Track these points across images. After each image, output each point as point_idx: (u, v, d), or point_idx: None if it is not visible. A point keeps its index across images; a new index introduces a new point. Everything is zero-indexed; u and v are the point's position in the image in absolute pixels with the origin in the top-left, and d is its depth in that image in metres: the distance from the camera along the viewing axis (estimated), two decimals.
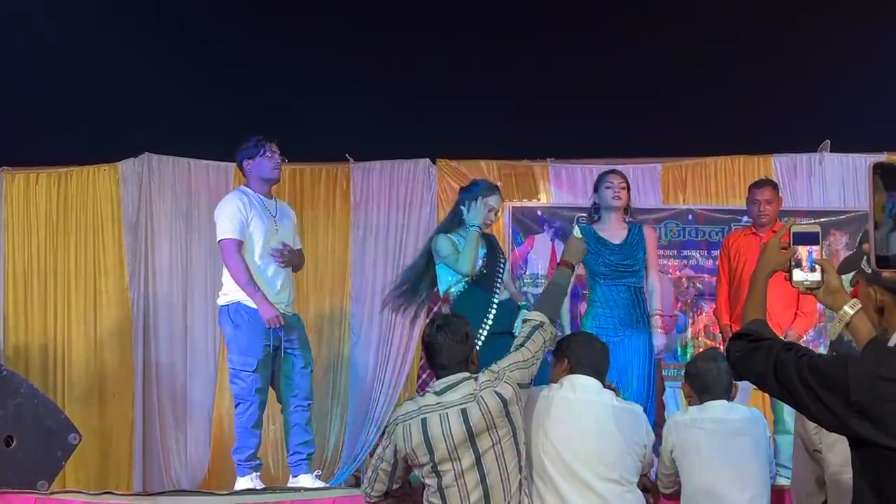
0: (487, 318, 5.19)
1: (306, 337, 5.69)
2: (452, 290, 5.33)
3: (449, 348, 3.77)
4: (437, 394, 3.72)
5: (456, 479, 3.61)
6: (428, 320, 5.25)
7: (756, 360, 2.23)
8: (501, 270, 5.40)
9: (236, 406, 5.45)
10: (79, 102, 7.28)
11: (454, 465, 3.61)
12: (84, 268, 7.54)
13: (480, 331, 5.08)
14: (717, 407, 4.01)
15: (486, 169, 7.70)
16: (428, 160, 7.74)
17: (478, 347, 4.47)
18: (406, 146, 7.73)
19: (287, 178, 7.75)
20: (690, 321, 7.58)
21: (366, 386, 7.43)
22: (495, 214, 5.50)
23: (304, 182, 7.80)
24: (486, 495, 3.59)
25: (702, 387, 4.06)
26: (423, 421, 3.65)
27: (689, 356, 7.34)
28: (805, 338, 5.89)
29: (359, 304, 7.64)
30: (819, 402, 2.04)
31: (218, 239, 5.39)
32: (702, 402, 4.06)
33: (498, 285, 5.34)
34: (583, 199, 7.35)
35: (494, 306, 5.25)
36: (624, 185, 5.64)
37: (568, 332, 5.40)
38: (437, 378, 3.82)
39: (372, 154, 7.81)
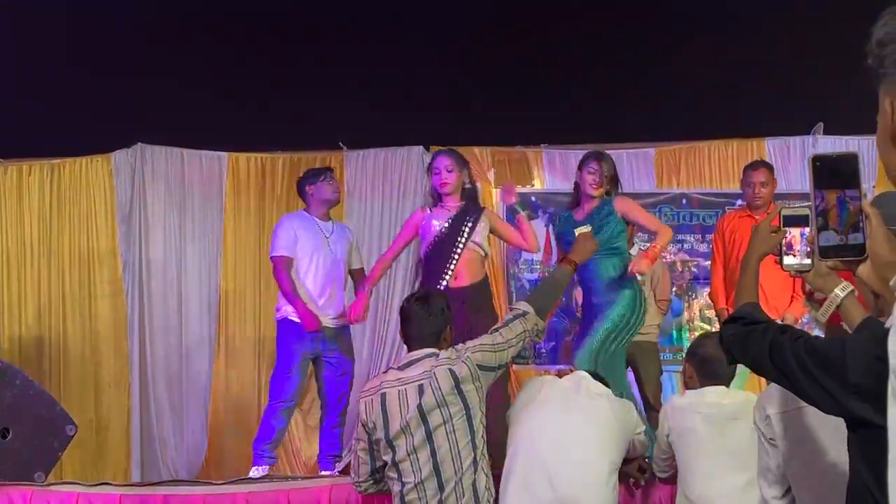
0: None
1: (350, 348, 5.91)
2: None
3: (421, 319, 3.83)
4: (400, 369, 3.79)
5: (408, 454, 3.65)
6: None
7: (751, 343, 2.22)
8: (465, 232, 5.35)
9: (268, 402, 5.84)
10: (71, 93, 7.25)
11: (406, 440, 3.65)
12: (78, 258, 7.54)
13: None
14: (713, 392, 4.01)
15: (480, 156, 7.70)
16: (421, 148, 7.73)
17: None
18: (400, 134, 7.73)
19: (280, 166, 7.77)
20: (686, 305, 7.59)
21: (362, 373, 7.43)
22: (446, 172, 5.45)
23: (297, 170, 7.77)
24: (437, 470, 3.62)
25: (709, 372, 4.04)
26: (383, 395, 3.71)
27: (684, 340, 7.36)
28: (802, 320, 5.89)
29: (351, 293, 7.63)
30: (816, 385, 2.03)
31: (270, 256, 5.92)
32: (702, 387, 4.06)
33: (449, 269, 5.30)
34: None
35: (448, 273, 5.28)
36: (607, 173, 5.51)
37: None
38: (408, 350, 3.86)
39: (365, 142, 7.81)
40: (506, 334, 3.83)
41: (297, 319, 5.64)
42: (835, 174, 1.86)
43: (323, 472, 5.76)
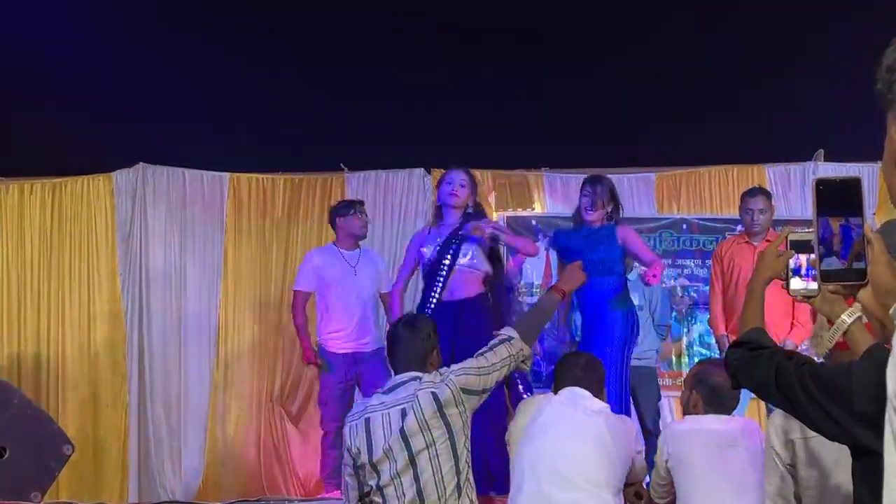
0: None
1: (383, 370, 5.79)
2: None
3: (407, 343, 3.82)
4: (384, 393, 3.78)
5: (392, 479, 3.63)
6: None
7: (756, 368, 2.21)
8: (447, 259, 5.40)
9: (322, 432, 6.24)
10: (73, 113, 7.27)
11: (390, 465, 3.63)
12: (78, 278, 7.54)
13: None
14: (713, 418, 4.00)
15: (481, 178, 7.70)
16: (422, 170, 7.75)
17: None
18: (401, 156, 7.74)
19: (281, 187, 7.78)
20: (685, 330, 7.58)
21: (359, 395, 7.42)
22: (459, 188, 5.55)
23: (298, 191, 7.79)
24: (420, 495, 3.59)
25: (717, 401, 4.02)
26: (367, 420, 3.69)
27: (683, 365, 7.34)
28: (801, 347, 5.88)
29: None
30: (822, 411, 2.02)
31: None
32: (705, 413, 4.04)
33: (439, 283, 5.34)
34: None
35: (433, 300, 5.28)
36: (602, 196, 5.56)
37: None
38: (394, 374, 3.86)
39: (367, 164, 7.82)
40: (490, 358, 3.79)
41: (331, 349, 6.09)
42: (838, 198, 1.85)
43: (326, 495, 5.83)
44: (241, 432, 7.49)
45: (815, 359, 2.43)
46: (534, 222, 7.63)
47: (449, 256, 5.40)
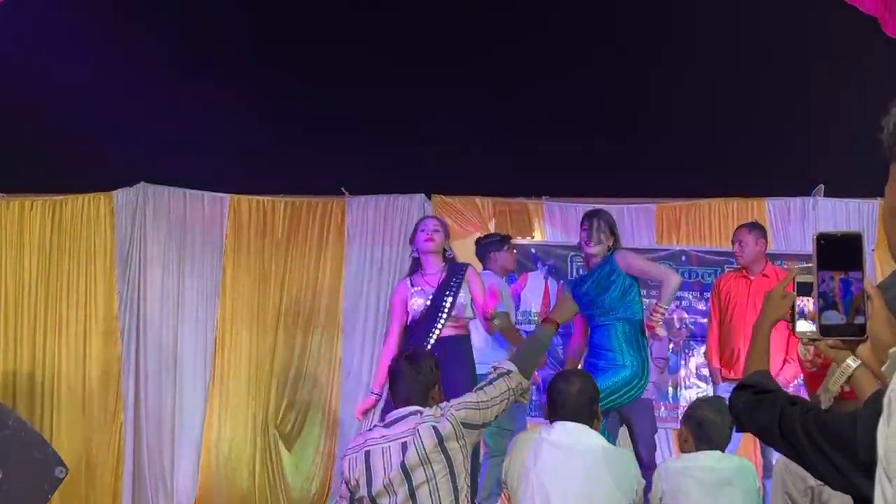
0: None
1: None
2: None
3: (409, 378, 3.82)
4: (385, 426, 3.78)
5: None
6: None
7: (760, 413, 2.19)
8: (446, 308, 5.41)
9: None
10: (75, 131, 7.28)
11: (390, 499, 3.62)
12: (76, 295, 7.52)
13: None
14: (709, 456, 3.98)
15: (481, 206, 7.73)
16: (423, 195, 7.75)
17: None
18: (402, 181, 7.75)
19: (281, 209, 7.78)
20: (682, 362, 7.56)
21: (357, 423, 7.39)
22: (434, 233, 5.57)
23: (298, 214, 7.79)
24: None
25: (704, 437, 4.01)
26: (367, 453, 3.69)
27: (680, 398, 7.32)
28: (794, 384, 5.88)
29: (350, 341, 7.62)
30: (826, 460, 2.00)
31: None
32: (697, 451, 4.03)
33: (437, 325, 5.36)
34: (577, 238, 7.36)
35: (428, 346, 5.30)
36: (599, 229, 5.53)
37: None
38: (395, 408, 3.86)
39: (367, 188, 7.83)
40: (490, 392, 3.80)
41: None
42: (838, 252, 1.85)
43: None
44: (235, 454, 7.46)
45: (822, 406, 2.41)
46: (533, 250, 7.62)
47: (443, 312, 5.41)
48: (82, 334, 7.48)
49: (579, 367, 5.57)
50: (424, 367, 3.86)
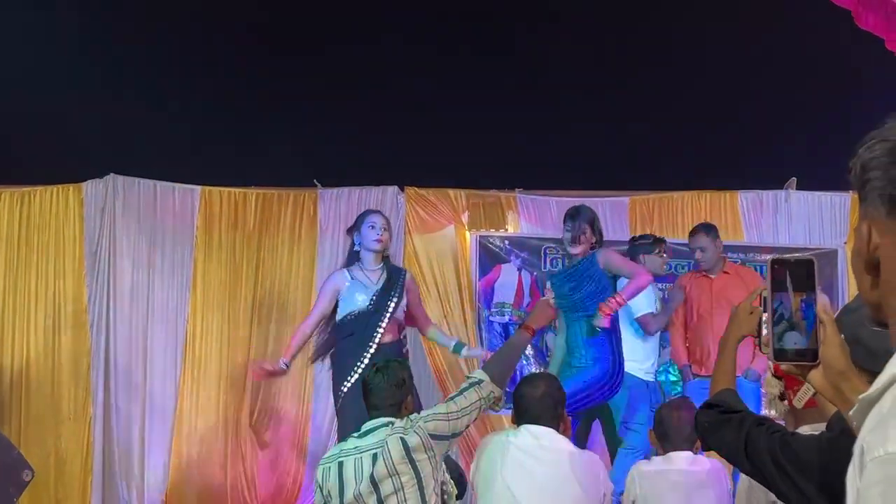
0: (360, 362, 5.28)
1: None
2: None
3: (381, 390, 3.84)
4: (358, 437, 3.80)
5: None
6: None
7: (726, 433, 2.18)
8: (390, 310, 5.43)
9: None
10: (43, 122, 7.21)
11: None
12: (45, 288, 7.42)
13: (350, 375, 5.30)
14: (680, 458, 3.99)
15: (455, 198, 7.69)
16: (396, 188, 7.70)
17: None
18: (374, 173, 7.71)
19: (253, 201, 7.71)
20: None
21: (328, 415, 7.35)
22: (383, 232, 5.63)
23: (270, 206, 7.73)
24: None
25: (661, 434, 4.04)
26: (340, 464, 3.73)
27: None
28: (765, 376, 5.91)
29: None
30: (790, 483, 1.99)
31: None
32: (665, 451, 4.03)
33: (381, 326, 5.37)
34: (551, 231, 7.36)
35: (372, 348, 5.26)
36: (581, 233, 5.56)
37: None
38: (370, 419, 3.86)
39: (340, 180, 7.78)
40: (460, 403, 3.82)
41: None
42: (793, 277, 1.84)
43: None
44: (206, 449, 7.40)
45: (774, 415, 2.39)
46: (506, 242, 7.61)
47: (389, 309, 5.48)
48: (51, 328, 7.38)
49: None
50: (396, 379, 3.87)
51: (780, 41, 7.48)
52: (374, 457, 3.66)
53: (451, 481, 3.93)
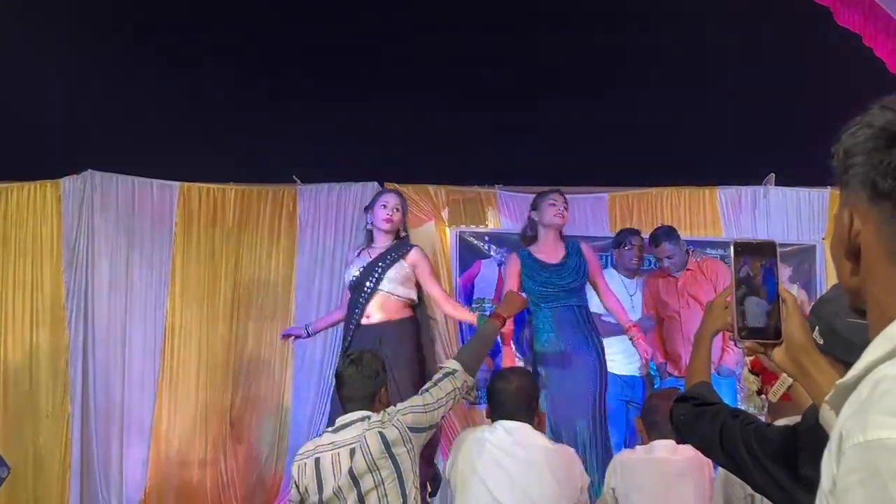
0: (345, 342, 5.30)
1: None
2: None
3: (355, 382, 3.81)
4: (334, 432, 3.77)
5: None
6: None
7: (701, 425, 2.19)
8: (371, 283, 5.34)
9: None
10: (20, 118, 7.15)
11: None
12: (23, 285, 7.38)
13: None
14: (662, 447, 3.99)
15: (434, 194, 7.68)
16: (376, 184, 7.68)
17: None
18: (354, 169, 7.70)
19: (232, 197, 7.68)
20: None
21: (307, 411, 7.34)
22: (394, 212, 5.50)
23: (249, 202, 7.70)
24: None
25: (650, 423, 4.04)
26: (317, 460, 3.70)
27: None
28: (737, 371, 5.96)
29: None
30: (766, 474, 2.00)
31: None
32: (651, 440, 4.04)
33: (360, 306, 5.31)
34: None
35: (352, 328, 5.26)
36: (566, 206, 5.66)
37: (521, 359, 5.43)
38: (344, 412, 3.83)
39: (320, 176, 7.76)
40: (436, 394, 3.83)
41: None
42: (755, 251, 1.86)
43: None
44: (186, 447, 7.37)
45: (752, 411, 2.41)
46: (486, 238, 7.61)
47: (372, 280, 5.33)
48: (29, 324, 7.34)
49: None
50: (370, 370, 3.84)
51: (759, 37, 7.50)
52: (352, 452, 3.64)
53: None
